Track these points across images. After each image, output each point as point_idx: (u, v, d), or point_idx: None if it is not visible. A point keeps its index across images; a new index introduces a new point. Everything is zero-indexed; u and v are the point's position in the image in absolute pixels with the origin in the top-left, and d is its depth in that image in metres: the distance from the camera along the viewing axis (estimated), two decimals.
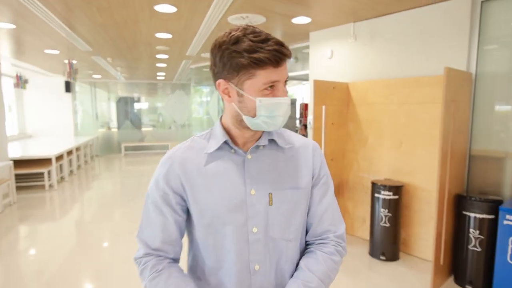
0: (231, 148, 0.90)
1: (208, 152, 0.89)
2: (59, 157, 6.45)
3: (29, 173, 5.90)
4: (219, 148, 0.89)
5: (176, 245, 0.92)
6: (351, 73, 3.75)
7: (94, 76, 9.50)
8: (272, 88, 0.80)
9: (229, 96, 0.84)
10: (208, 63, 7.02)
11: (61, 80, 9.63)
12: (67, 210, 4.94)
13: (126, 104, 11.37)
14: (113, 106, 11.36)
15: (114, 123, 11.31)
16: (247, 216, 0.87)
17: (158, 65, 7.25)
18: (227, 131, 0.91)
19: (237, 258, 0.87)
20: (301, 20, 3.65)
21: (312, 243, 0.96)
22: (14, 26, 3.81)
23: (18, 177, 5.81)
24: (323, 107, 3.38)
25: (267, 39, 0.78)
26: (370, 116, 3.52)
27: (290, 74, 5.25)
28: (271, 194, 0.89)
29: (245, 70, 0.78)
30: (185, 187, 0.88)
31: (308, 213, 0.96)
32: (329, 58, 3.98)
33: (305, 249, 0.98)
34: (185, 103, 11.72)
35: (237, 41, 0.78)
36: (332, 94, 3.50)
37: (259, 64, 0.77)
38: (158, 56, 6.01)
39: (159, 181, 0.89)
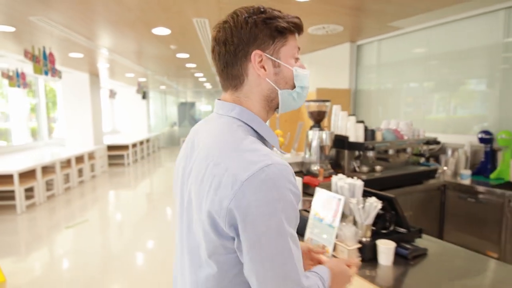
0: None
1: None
2: (134, 145, 9.49)
3: (115, 154, 8.98)
4: None
5: None
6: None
7: (161, 87, 12.66)
8: (297, 60, 0.79)
9: (265, 70, 0.75)
10: None
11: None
12: (139, 181, 7.76)
13: (185, 107, 14.44)
14: (176, 109, 14.55)
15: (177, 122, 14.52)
16: None
17: (200, 79, 9.87)
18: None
19: None
20: None
21: None
22: (108, 65, 6.66)
23: (109, 157, 8.91)
24: None
25: (278, 10, 0.77)
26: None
27: None
28: None
29: (281, 36, 0.74)
30: None
31: None
32: None
33: None
34: None
35: (263, 11, 0.74)
36: None
37: (294, 27, 0.75)
38: (196, 74, 8.57)
39: (295, 203, 0.67)
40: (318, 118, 2.47)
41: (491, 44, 3.12)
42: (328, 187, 1.63)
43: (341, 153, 2.55)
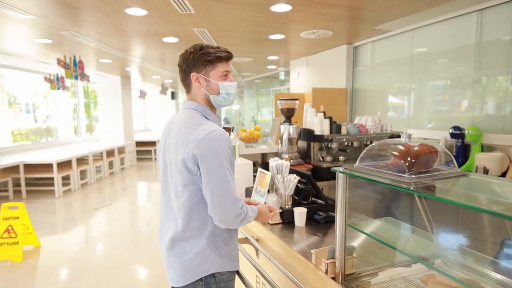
0: None
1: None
2: None
3: (143, 150, 9.82)
4: None
5: None
6: (307, 85, 6.00)
7: None
8: (226, 76, 1.28)
9: (199, 83, 1.26)
10: (253, 77, 9.87)
11: (168, 92, 13.90)
12: None
13: None
14: None
15: None
16: None
17: None
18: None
19: None
20: (272, 57, 6.15)
21: None
22: (134, 69, 7.41)
23: (138, 152, 9.77)
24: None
25: (218, 46, 1.28)
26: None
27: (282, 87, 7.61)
28: None
29: (211, 64, 1.24)
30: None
31: None
32: (297, 77, 6.31)
33: None
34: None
35: (200, 48, 1.25)
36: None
37: (219, 58, 1.25)
38: None
39: (230, 150, 1.19)
40: (288, 114, 2.86)
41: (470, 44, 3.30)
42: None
43: (310, 145, 2.92)
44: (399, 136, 3.06)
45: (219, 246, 1.24)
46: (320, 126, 2.84)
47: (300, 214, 1.74)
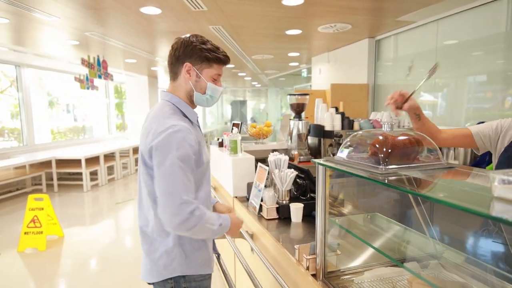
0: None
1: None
2: None
3: None
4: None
5: None
6: (329, 82, 5.85)
7: None
8: (216, 79, 1.24)
9: (189, 76, 1.20)
10: (277, 75, 9.81)
11: None
12: None
13: (237, 106, 15.30)
14: (229, 107, 15.50)
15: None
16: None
17: (246, 78, 10.49)
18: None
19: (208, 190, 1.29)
20: (292, 53, 6.06)
21: None
22: (159, 68, 7.62)
23: None
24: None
25: (219, 47, 1.23)
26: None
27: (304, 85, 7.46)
28: None
29: (208, 62, 1.19)
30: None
31: None
32: (319, 74, 6.17)
33: None
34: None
35: (203, 42, 1.19)
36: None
37: (218, 60, 1.20)
38: (240, 74, 9.19)
39: (189, 148, 1.10)
40: (298, 110, 2.80)
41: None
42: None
43: (321, 141, 2.84)
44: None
45: (187, 248, 1.18)
46: (331, 122, 2.75)
47: (296, 209, 1.69)
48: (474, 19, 3.28)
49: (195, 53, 1.18)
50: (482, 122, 2.94)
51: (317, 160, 1.07)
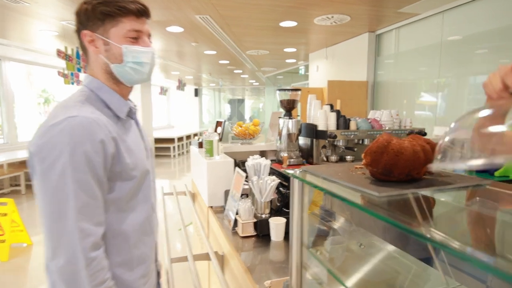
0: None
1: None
2: (180, 139, 10.22)
3: (162, 147, 9.80)
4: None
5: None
6: (327, 79, 5.56)
7: (211, 85, 13.35)
8: (137, 40, 0.90)
9: (96, 47, 0.88)
10: (274, 72, 9.51)
11: (191, 88, 13.88)
12: (180, 172, 8.38)
13: (235, 104, 15.00)
14: (227, 106, 15.21)
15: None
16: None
17: (242, 76, 10.19)
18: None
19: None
20: (289, 49, 5.76)
21: None
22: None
23: (156, 149, 9.75)
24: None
25: None
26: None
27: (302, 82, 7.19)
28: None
29: (111, 17, 0.85)
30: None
31: None
32: (316, 71, 5.87)
33: None
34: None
35: None
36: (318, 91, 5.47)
37: (122, 11, 0.86)
38: (235, 71, 8.89)
39: (94, 153, 0.79)
40: (288, 107, 2.50)
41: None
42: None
43: (313, 142, 2.54)
44: (420, 133, 2.60)
45: (117, 272, 0.88)
46: (325, 121, 2.45)
47: (276, 226, 1.39)
48: (483, 11, 2.99)
49: (89, 16, 0.87)
50: None
51: (290, 172, 0.78)
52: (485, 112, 0.50)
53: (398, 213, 0.51)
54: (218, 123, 2.64)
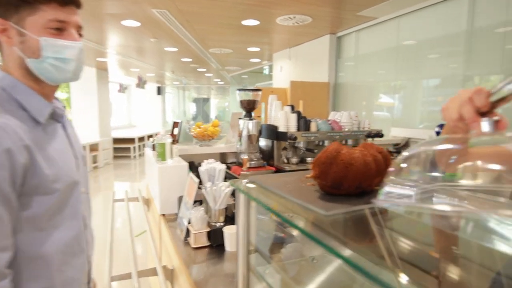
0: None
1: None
2: (141, 139, 9.80)
3: (122, 147, 9.34)
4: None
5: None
6: (290, 80, 5.57)
7: (174, 83, 12.97)
8: (61, 32, 0.77)
9: (9, 38, 0.75)
10: (238, 72, 9.42)
11: (154, 86, 13.39)
12: (140, 174, 8.01)
13: (199, 103, 14.70)
14: (193, 105, 14.86)
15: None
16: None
17: (206, 75, 9.99)
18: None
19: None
20: (252, 48, 5.70)
21: None
22: (105, 59, 6.92)
23: (116, 149, 9.27)
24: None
25: None
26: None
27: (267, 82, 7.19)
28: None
29: (27, 4, 0.73)
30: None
31: None
32: (280, 71, 5.87)
33: None
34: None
35: None
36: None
37: None
38: (199, 69, 8.69)
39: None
40: (249, 108, 2.43)
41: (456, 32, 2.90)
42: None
43: (274, 144, 2.49)
44: (378, 135, 2.65)
45: None
46: (285, 122, 2.41)
47: (230, 235, 1.31)
48: (434, 17, 3.12)
49: (1, 1, 0.74)
50: (442, 125, 2.78)
51: (235, 182, 0.70)
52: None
53: (342, 237, 0.45)
54: (175, 124, 2.51)
